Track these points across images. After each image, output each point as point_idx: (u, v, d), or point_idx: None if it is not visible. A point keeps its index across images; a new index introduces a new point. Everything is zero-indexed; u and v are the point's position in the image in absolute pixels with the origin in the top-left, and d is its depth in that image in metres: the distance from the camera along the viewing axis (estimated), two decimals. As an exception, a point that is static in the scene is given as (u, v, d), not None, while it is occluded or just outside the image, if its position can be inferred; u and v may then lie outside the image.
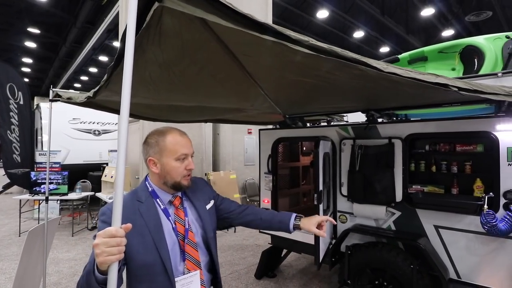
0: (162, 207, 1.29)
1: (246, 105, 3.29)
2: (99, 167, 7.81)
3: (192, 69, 2.00)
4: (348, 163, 3.25)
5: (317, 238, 2.87)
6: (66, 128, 8.34)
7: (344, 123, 4.56)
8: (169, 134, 1.31)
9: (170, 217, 1.29)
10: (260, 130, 4.21)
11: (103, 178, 6.74)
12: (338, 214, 3.40)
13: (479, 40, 3.30)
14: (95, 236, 1.16)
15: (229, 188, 6.93)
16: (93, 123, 8.69)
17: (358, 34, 13.86)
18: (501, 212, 2.46)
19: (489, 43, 3.20)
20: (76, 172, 7.42)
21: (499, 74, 2.41)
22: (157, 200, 1.29)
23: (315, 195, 2.82)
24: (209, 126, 7.00)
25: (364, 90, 2.26)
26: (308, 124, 4.07)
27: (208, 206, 1.44)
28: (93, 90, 2.20)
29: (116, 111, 3.49)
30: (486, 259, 2.55)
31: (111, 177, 6.26)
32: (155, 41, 1.60)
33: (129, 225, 0.96)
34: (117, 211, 0.94)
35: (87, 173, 8.12)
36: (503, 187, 2.47)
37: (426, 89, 1.85)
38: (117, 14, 9.35)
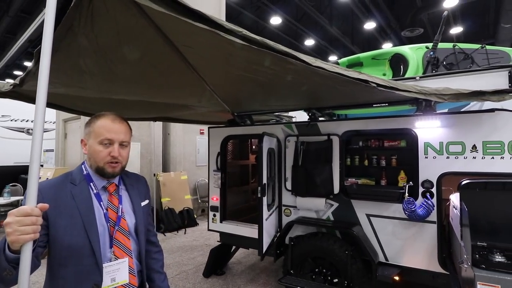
0: (94, 191, 1.26)
1: (193, 101, 3.28)
2: (33, 169, 7.07)
3: (131, 58, 1.95)
4: (292, 158, 3.42)
5: (260, 230, 2.97)
6: (-7, 126, 7.44)
7: (289, 121, 4.77)
8: (102, 117, 1.28)
9: (102, 203, 1.26)
10: (209, 127, 4.23)
11: (37, 181, 6.13)
12: (283, 208, 3.54)
13: (404, 49, 3.74)
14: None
15: (180, 189, 6.77)
16: (26, 121, 7.84)
17: (309, 42, 14.61)
18: (420, 200, 2.79)
19: (413, 52, 3.64)
20: (5, 174, 6.66)
21: (417, 78, 2.77)
22: (91, 184, 1.26)
23: (259, 188, 2.92)
24: (158, 125, 6.79)
25: (301, 86, 2.41)
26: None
27: (143, 203, 1.42)
28: (19, 77, 2.03)
29: (50, 104, 3.24)
30: (408, 242, 2.87)
31: (47, 178, 5.72)
32: (88, 24, 1.55)
33: (46, 205, 0.93)
34: (32, 188, 0.90)
35: (18, 176, 7.31)
36: (421, 177, 2.81)
37: (352, 86, 2.04)
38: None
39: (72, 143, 6.17)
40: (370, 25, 12.82)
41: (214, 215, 4.04)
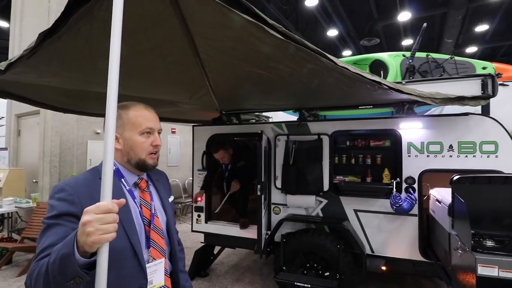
0: (127, 188, 1.17)
1: (184, 98, 3.17)
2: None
3: (144, 47, 1.84)
4: (282, 157, 3.47)
5: (259, 228, 2.97)
6: None
7: (277, 121, 4.83)
8: (133, 106, 1.21)
9: (135, 200, 1.18)
10: (193, 126, 4.10)
11: (-17, 184, 5.39)
12: (272, 206, 3.58)
13: (384, 56, 4.03)
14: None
15: (150, 191, 6.44)
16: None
17: (275, 45, 14.90)
18: (403, 195, 3.03)
19: (392, 59, 3.94)
20: None
21: (403, 82, 3.01)
22: (122, 180, 1.17)
23: (259, 186, 2.92)
24: (127, 123, 6.39)
25: (306, 86, 2.48)
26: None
27: (170, 199, 1.37)
28: (6, 62, 1.79)
29: (26, 99, 2.90)
30: (392, 234, 3.09)
31: (-2, 180, 5.05)
32: (110, 6, 1.43)
33: (123, 200, 0.87)
34: (108, 183, 0.83)
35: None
36: (405, 174, 3.05)
37: (359, 86, 2.16)
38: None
39: (28, 141, 5.51)
40: (332, 32, 13.50)
41: (199, 216, 3.93)
